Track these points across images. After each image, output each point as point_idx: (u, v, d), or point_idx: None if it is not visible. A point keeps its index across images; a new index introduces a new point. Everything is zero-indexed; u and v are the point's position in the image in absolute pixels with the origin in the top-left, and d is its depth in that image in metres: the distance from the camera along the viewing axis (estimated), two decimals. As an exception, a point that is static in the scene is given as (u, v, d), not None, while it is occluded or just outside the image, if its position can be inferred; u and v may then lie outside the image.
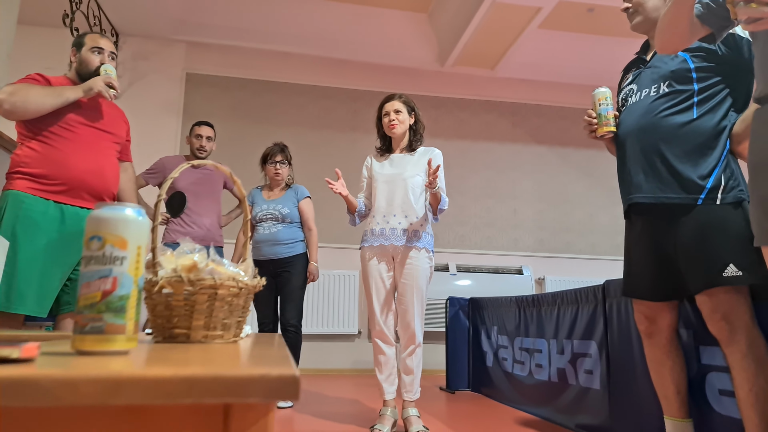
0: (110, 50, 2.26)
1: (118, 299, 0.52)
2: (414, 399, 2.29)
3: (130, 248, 0.55)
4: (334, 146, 5.06)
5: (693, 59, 1.58)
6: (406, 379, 2.27)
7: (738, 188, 1.50)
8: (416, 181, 2.30)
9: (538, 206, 5.36)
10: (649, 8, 1.70)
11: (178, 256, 0.80)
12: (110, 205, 0.56)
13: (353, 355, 4.70)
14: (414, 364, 2.26)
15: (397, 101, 2.40)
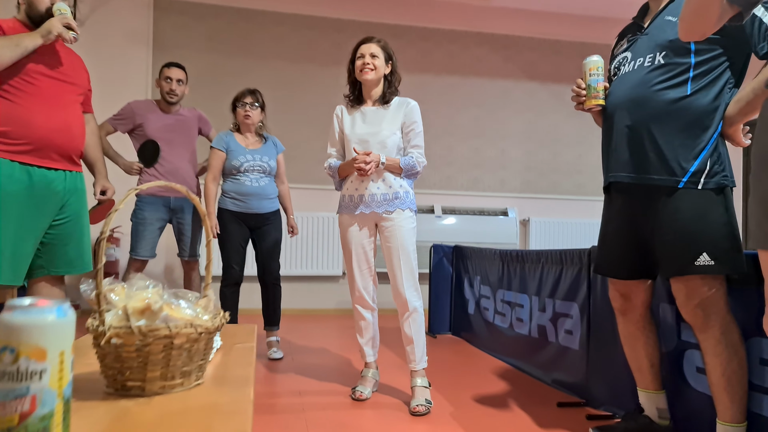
0: None
1: (39, 420, 0.45)
2: (419, 368, 2.14)
3: (50, 357, 0.46)
4: (316, 82, 4.82)
5: None
6: (407, 349, 2.15)
7: (722, 173, 1.45)
8: (393, 141, 2.14)
9: (526, 146, 5.26)
10: None
11: (129, 295, 0.72)
12: (22, 308, 0.47)
13: (337, 295, 4.76)
14: (412, 332, 2.13)
15: (375, 44, 2.19)
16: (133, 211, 2.92)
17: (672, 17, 1.52)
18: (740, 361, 1.39)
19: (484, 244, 4.92)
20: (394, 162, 2.12)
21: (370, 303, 2.25)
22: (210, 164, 2.86)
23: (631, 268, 1.61)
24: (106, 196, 2.27)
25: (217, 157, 2.84)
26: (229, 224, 2.84)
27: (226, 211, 2.84)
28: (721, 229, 1.41)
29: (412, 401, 2.06)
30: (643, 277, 1.62)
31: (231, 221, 2.84)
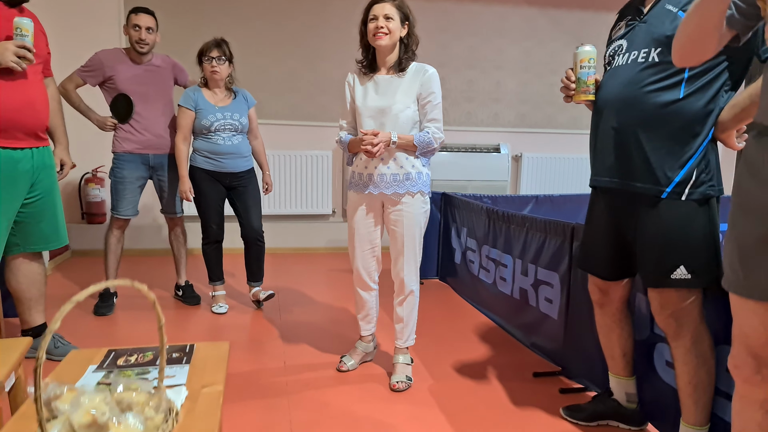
0: None
1: None
2: (404, 346, 2.17)
3: None
4: (299, 8, 4.51)
5: None
6: (397, 326, 2.16)
7: (708, 183, 1.39)
8: (407, 115, 1.98)
9: (522, 77, 5.05)
10: None
11: (74, 406, 0.70)
12: None
13: (328, 234, 4.78)
14: (405, 313, 2.13)
15: (390, 3, 1.94)
16: (111, 169, 2.84)
17: (672, 6, 1.38)
18: (708, 370, 1.42)
19: (475, 182, 4.89)
20: (407, 140, 1.97)
21: (370, 284, 2.19)
22: (179, 123, 2.75)
23: (612, 269, 1.61)
24: (63, 172, 2.18)
25: (186, 116, 2.72)
26: (204, 183, 2.78)
27: (199, 170, 2.77)
28: (700, 242, 1.38)
29: (393, 377, 2.11)
30: (623, 277, 1.61)
31: (205, 180, 2.78)
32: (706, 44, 1.08)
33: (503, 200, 3.91)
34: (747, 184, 1.05)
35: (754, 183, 1.03)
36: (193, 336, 2.61)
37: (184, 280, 3.12)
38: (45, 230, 2.10)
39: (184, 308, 3.01)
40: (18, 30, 1.77)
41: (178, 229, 3.06)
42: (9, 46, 1.75)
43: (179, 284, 3.12)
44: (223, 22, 4.36)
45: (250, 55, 4.45)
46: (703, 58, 1.11)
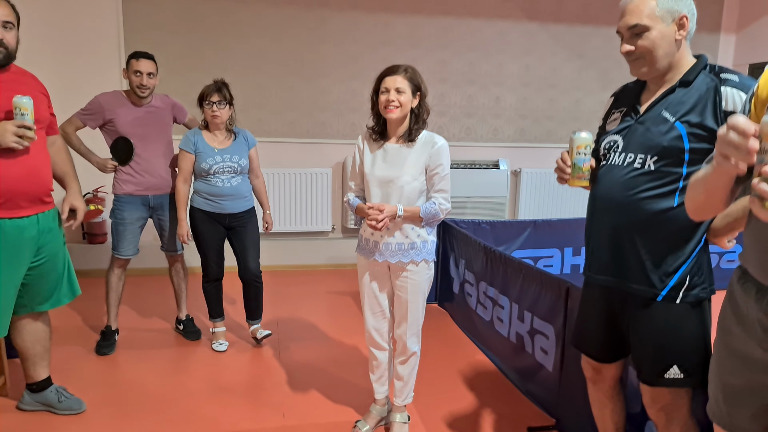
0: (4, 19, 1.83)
1: None
2: (403, 404, 2.23)
3: None
4: (299, 26, 4.48)
5: (690, 138, 1.35)
6: (396, 384, 2.21)
7: (701, 286, 1.42)
8: (413, 187, 2.00)
9: (522, 93, 5.03)
10: (659, 56, 1.39)
11: None
12: None
13: (328, 251, 4.81)
14: (406, 373, 2.18)
15: (401, 76, 1.94)
16: (112, 211, 2.86)
17: (669, 115, 1.39)
18: (696, 461, 1.46)
19: (474, 198, 4.91)
20: (413, 212, 1.98)
21: (382, 344, 2.21)
22: (179, 166, 2.76)
23: (606, 353, 1.64)
24: (76, 219, 2.20)
25: (186, 159, 2.74)
26: (203, 224, 2.80)
27: (199, 211, 2.79)
28: (693, 343, 1.41)
29: None
30: (616, 360, 1.64)
31: (204, 221, 2.80)
32: (717, 207, 1.09)
33: (501, 226, 3.94)
34: (733, 326, 1.08)
35: (740, 328, 1.06)
36: (191, 380, 2.65)
37: (185, 314, 3.16)
38: (50, 291, 2.13)
39: (185, 344, 3.04)
40: (17, 110, 1.78)
41: (178, 265, 3.09)
42: (9, 126, 1.76)
43: (180, 318, 3.16)
44: (222, 40, 4.34)
45: (250, 73, 4.44)
46: (717, 212, 1.12)
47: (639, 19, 1.39)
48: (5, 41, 1.85)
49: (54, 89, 4.09)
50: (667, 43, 1.39)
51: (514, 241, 3.96)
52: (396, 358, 2.20)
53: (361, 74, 4.65)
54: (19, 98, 1.79)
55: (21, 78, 1.96)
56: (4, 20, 1.83)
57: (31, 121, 1.81)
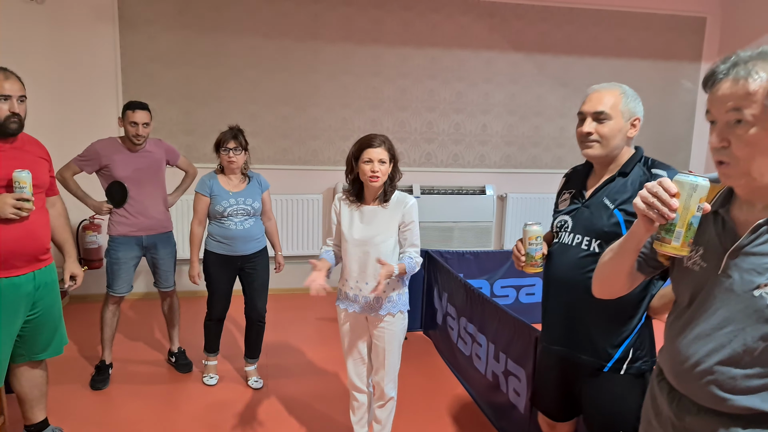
0: (18, 94, 1.97)
1: None
2: None
3: None
4: (293, 57, 4.61)
5: (626, 224, 1.51)
6: (375, 427, 2.35)
7: (643, 359, 1.57)
8: (388, 245, 2.16)
9: (508, 120, 5.18)
10: (612, 144, 1.57)
11: None
12: None
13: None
14: (384, 416, 2.32)
15: (382, 148, 2.11)
16: (107, 251, 2.99)
17: (609, 202, 1.55)
18: None
19: (461, 223, 5.05)
20: (402, 269, 2.12)
21: (363, 388, 2.36)
22: (195, 209, 2.89)
23: (560, 413, 1.79)
24: (76, 283, 2.33)
25: (201, 202, 2.86)
26: (214, 267, 2.92)
27: (212, 254, 2.91)
28: (636, 412, 1.54)
29: None
30: (570, 418, 1.79)
31: (216, 265, 2.91)
32: (619, 285, 1.24)
33: (485, 256, 4.08)
34: (651, 417, 1.22)
35: (656, 421, 1.21)
36: (182, 417, 2.77)
37: (177, 346, 3.29)
38: (47, 341, 2.25)
39: (176, 378, 3.16)
40: (17, 183, 1.91)
41: (170, 300, 3.22)
42: (8, 199, 1.89)
43: (172, 350, 3.29)
44: (217, 71, 4.47)
45: (243, 102, 4.57)
46: (618, 294, 1.28)
47: (605, 107, 1.56)
48: (20, 114, 1.99)
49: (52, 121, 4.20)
50: (621, 136, 1.56)
51: (497, 270, 4.10)
52: (374, 403, 2.34)
53: (352, 103, 4.79)
54: (18, 173, 1.92)
55: (26, 146, 2.09)
56: (19, 95, 1.98)
57: (29, 193, 1.94)
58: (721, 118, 1.02)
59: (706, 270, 1.09)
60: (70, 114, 4.22)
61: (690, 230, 1.02)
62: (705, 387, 1.07)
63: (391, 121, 4.90)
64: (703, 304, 1.09)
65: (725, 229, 1.08)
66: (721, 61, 1.03)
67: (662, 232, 1.04)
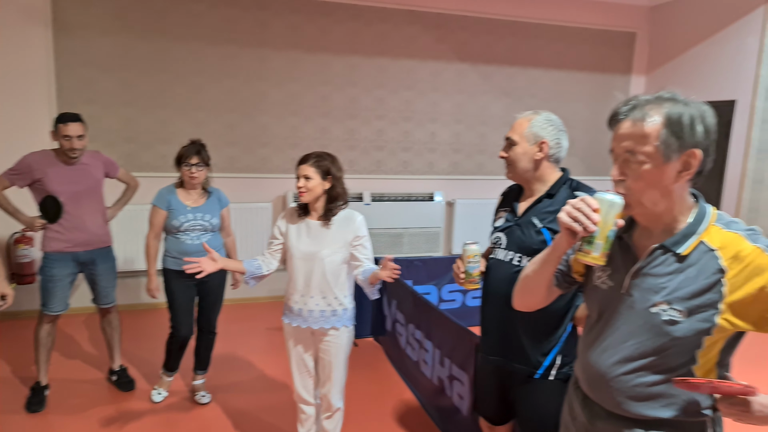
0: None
1: None
2: None
3: None
4: (238, 65, 4.57)
5: None
6: None
7: (569, 365, 1.68)
8: (333, 260, 2.18)
9: (455, 129, 5.31)
10: (519, 169, 1.69)
11: None
12: None
13: (268, 283, 4.90)
14: (331, 427, 2.34)
15: (308, 165, 2.13)
16: (41, 268, 2.87)
17: (537, 221, 1.65)
18: None
19: (410, 229, 5.13)
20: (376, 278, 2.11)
21: (310, 400, 2.37)
22: (151, 222, 2.82)
23: (498, 417, 1.88)
24: (6, 303, 2.23)
25: (158, 215, 2.80)
26: (174, 284, 2.85)
27: (171, 271, 2.84)
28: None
29: None
30: (508, 421, 1.88)
31: (175, 280, 2.85)
32: (538, 296, 1.32)
33: (433, 262, 4.17)
34: (569, 422, 1.32)
35: (573, 425, 1.30)
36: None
37: (119, 364, 3.19)
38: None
39: (118, 397, 3.06)
40: None
41: (110, 317, 3.12)
42: None
43: (113, 369, 3.18)
44: (158, 77, 4.37)
45: (187, 109, 4.49)
46: (535, 307, 1.36)
47: (513, 134, 1.68)
48: None
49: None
50: (526, 158, 1.66)
51: (444, 276, 4.20)
52: (322, 414, 2.36)
53: (301, 111, 4.79)
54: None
55: None
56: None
57: None
58: (620, 154, 1.13)
59: (612, 288, 1.20)
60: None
61: (607, 242, 1.11)
62: (612, 394, 1.17)
63: (341, 129, 4.94)
64: (610, 319, 1.19)
65: (628, 253, 1.19)
66: (623, 104, 1.13)
67: (584, 244, 1.12)
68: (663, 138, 1.06)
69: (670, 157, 1.07)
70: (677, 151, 1.06)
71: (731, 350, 1.14)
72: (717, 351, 1.11)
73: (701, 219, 1.12)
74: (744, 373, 2.06)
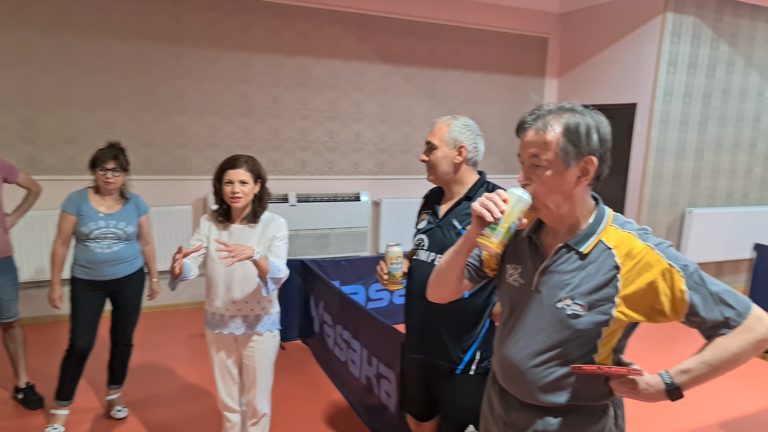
0: None
1: None
2: None
3: None
4: (152, 62, 4.36)
5: None
6: None
7: (489, 359, 1.75)
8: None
9: (380, 129, 5.37)
10: (440, 172, 1.74)
11: None
12: None
13: (190, 289, 4.73)
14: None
15: (243, 169, 2.09)
16: None
17: (457, 222, 1.71)
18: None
19: (337, 229, 5.13)
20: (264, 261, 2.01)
21: (235, 407, 2.31)
22: (59, 227, 2.61)
23: (424, 413, 1.95)
24: None
25: (67, 221, 2.60)
26: (80, 295, 2.65)
27: (79, 281, 2.64)
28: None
29: None
30: (433, 417, 1.94)
31: (83, 291, 2.65)
32: (449, 287, 1.38)
33: (359, 262, 4.20)
34: (487, 413, 1.38)
35: (491, 416, 1.37)
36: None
37: (25, 381, 2.96)
38: None
39: (25, 416, 2.84)
40: None
41: (13, 331, 2.89)
42: None
43: (19, 386, 2.95)
44: (62, 74, 4.09)
45: (96, 108, 4.23)
46: (447, 298, 1.41)
47: (433, 138, 1.72)
48: None
49: None
50: (447, 162, 1.72)
51: (372, 275, 4.23)
52: (248, 421, 2.31)
53: (220, 111, 4.65)
54: None
55: None
56: None
57: None
58: (526, 160, 1.20)
59: (522, 286, 1.27)
60: None
61: (507, 233, 1.17)
62: (525, 386, 1.24)
63: (264, 129, 4.84)
64: (521, 315, 1.26)
65: (536, 252, 1.27)
66: (529, 113, 1.21)
67: (487, 229, 1.17)
68: (562, 146, 1.14)
69: (569, 163, 1.15)
70: (575, 158, 1.15)
71: (627, 338, 1.24)
72: (615, 340, 1.21)
73: (600, 220, 1.21)
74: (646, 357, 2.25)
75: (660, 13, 4.87)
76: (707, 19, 5.03)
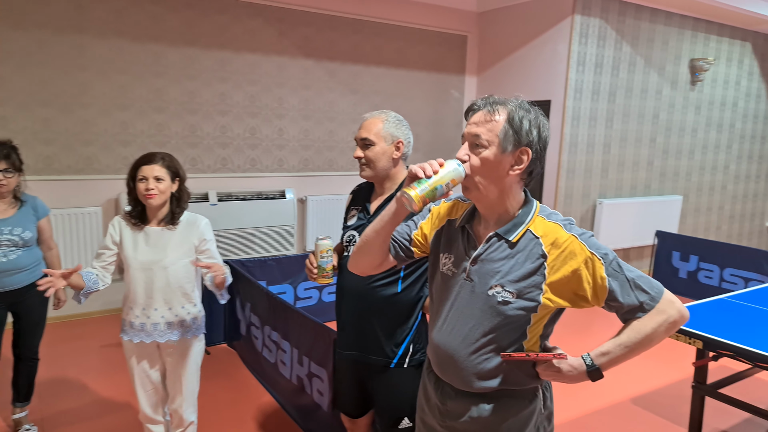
0: None
1: None
2: None
3: None
4: (50, 52, 4.01)
5: None
6: None
7: (422, 351, 1.77)
8: (176, 268, 2.01)
9: (303, 125, 5.27)
10: (379, 168, 1.72)
11: None
12: None
13: (102, 295, 4.40)
14: None
15: (159, 165, 1.97)
16: None
17: None
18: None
19: (262, 228, 4.98)
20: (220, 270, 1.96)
21: (158, 419, 2.18)
22: None
23: (357, 410, 1.93)
24: None
25: None
26: None
27: None
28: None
29: None
30: (366, 413, 1.92)
31: None
32: (371, 258, 1.36)
33: (287, 261, 4.10)
34: (424, 403, 1.39)
35: (427, 406, 1.38)
36: None
37: None
38: None
39: None
40: None
41: None
42: None
43: None
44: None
45: (-13, 103, 3.83)
46: (368, 271, 1.40)
47: (369, 134, 1.69)
48: None
49: None
50: (386, 158, 1.71)
51: (300, 274, 4.15)
52: (173, 430, 2.18)
53: (131, 106, 4.36)
54: None
55: None
56: None
57: None
58: (468, 138, 1.23)
59: (455, 275, 1.29)
60: None
61: (432, 192, 1.16)
62: (460, 374, 1.26)
63: (180, 125, 4.60)
64: (454, 303, 1.28)
65: (469, 241, 1.29)
66: (480, 99, 1.26)
67: (415, 182, 1.17)
68: (503, 130, 1.19)
69: (506, 148, 1.19)
70: (513, 145, 1.19)
71: (552, 324, 1.29)
72: (542, 326, 1.25)
73: (529, 211, 1.25)
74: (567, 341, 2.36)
75: (569, 15, 5.15)
76: (611, 22, 5.38)
